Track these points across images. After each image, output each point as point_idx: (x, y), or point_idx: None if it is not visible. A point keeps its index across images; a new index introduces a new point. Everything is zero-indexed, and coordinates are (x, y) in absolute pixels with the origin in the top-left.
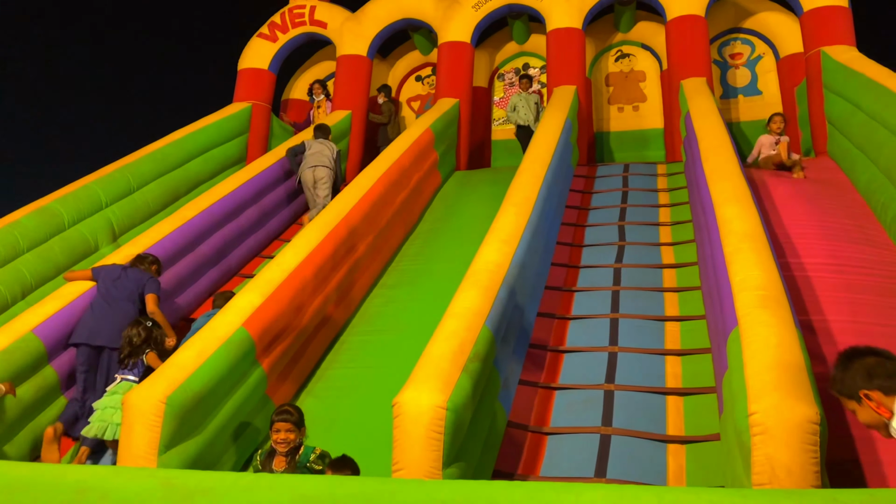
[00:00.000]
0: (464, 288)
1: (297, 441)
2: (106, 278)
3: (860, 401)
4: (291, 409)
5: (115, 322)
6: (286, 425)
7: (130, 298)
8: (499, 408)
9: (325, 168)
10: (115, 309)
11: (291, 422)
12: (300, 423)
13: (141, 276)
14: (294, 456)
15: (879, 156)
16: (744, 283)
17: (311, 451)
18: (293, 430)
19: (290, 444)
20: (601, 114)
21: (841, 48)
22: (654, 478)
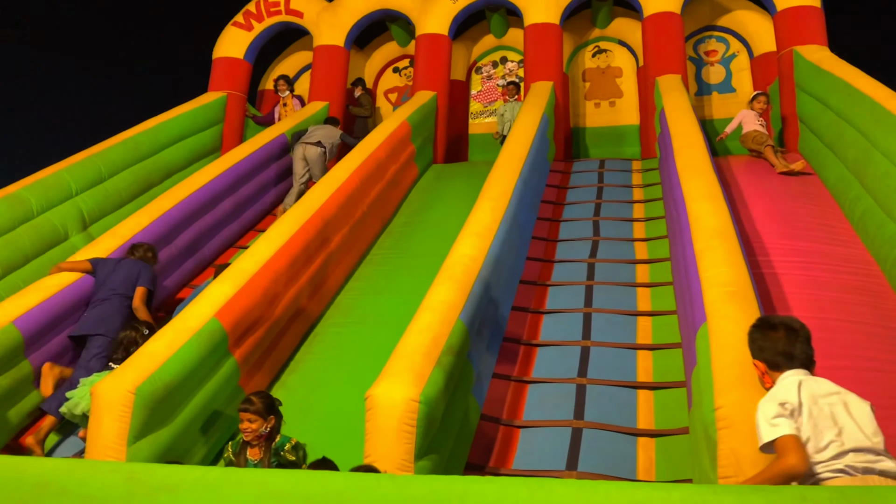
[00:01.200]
0: (439, 281)
1: (265, 430)
2: (103, 270)
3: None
4: (254, 399)
5: (107, 313)
6: (247, 415)
7: (125, 292)
8: (472, 401)
9: (317, 149)
10: (111, 302)
11: (252, 411)
12: (265, 411)
13: (134, 266)
14: (269, 445)
15: (847, 154)
16: (713, 279)
17: (286, 440)
18: (256, 420)
19: (256, 434)
20: (578, 109)
21: (813, 48)
22: (625, 471)
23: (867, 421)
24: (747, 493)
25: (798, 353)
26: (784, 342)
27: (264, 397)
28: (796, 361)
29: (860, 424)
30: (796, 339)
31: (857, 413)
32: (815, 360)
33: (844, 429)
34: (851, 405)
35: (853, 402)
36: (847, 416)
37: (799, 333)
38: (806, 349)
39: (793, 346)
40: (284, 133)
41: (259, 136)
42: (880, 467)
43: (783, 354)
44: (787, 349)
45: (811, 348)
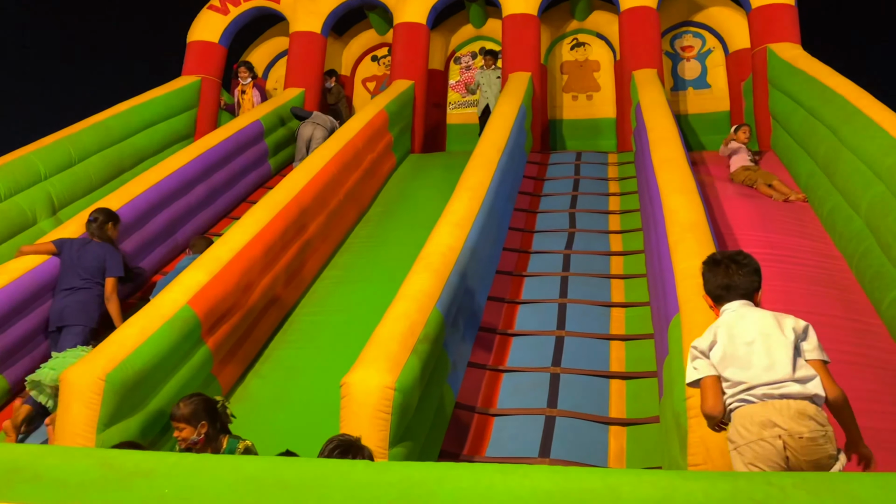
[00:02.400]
0: (416, 270)
1: (197, 437)
2: (69, 252)
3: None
4: (181, 403)
5: (78, 301)
6: (176, 423)
7: (98, 279)
8: (447, 389)
9: (324, 129)
10: (90, 291)
11: (178, 417)
12: (193, 417)
13: (100, 250)
14: (213, 451)
15: (818, 151)
16: (686, 271)
17: (235, 444)
18: (185, 427)
19: (188, 442)
20: (555, 101)
21: (786, 45)
22: (596, 458)
23: (784, 361)
24: (715, 479)
25: (737, 284)
26: (723, 275)
27: (194, 402)
28: (735, 293)
29: (774, 365)
30: (737, 270)
31: (776, 354)
32: (760, 287)
33: (755, 368)
34: (773, 348)
35: (775, 345)
36: (763, 356)
37: (741, 265)
38: (747, 280)
39: (730, 279)
40: (259, 119)
41: (234, 122)
42: (781, 392)
43: (723, 287)
44: (726, 281)
45: (755, 278)
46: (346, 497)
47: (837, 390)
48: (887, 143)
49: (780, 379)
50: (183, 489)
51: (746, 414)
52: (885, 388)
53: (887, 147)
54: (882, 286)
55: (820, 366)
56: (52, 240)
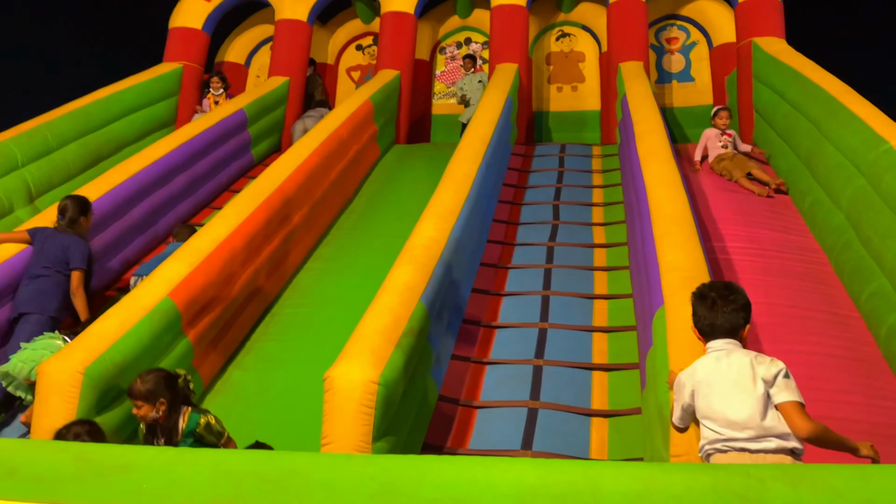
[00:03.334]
0: (400, 263)
1: (156, 414)
2: (39, 241)
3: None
4: (138, 379)
5: (44, 289)
6: (133, 400)
7: (62, 268)
8: (430, 382)
9: (315, 121)
10: (50, 278)
11: (136, 395)
12: (151, 395)
13: (65, 241)
14: (172, 430)
15: (800, 146)
16: (671, 263)
17: (197, 419)
18: (143, 405)
19: (147, 419)
20: (541, 93)
21: (771, 39)
22: (578, 450)
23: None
24: (696, 471)
25: (720, 324)
26: (708, 311)
27: (150, 380)
28: (718, 332)
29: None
30: (722, 307)
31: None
32: (747, 323)
33: (733, 425)
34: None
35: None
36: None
37: (727, 302)
38: (732, 318)
39: (715, 318)
40: (243, 108)
41: (217, 111)
42: (758, 447)
43: (707, 325)
44: (710, 321)
45: (741, 315)
46: (327, 491)
47: (810, 425)
48: (869, 138)
49: (758, 435)
50: (161, 484)
51: (722, 461)
52: (862, 381)
53: (869, 142)
54: (861, 279)
55: (791, 407)
56: (27, 229)
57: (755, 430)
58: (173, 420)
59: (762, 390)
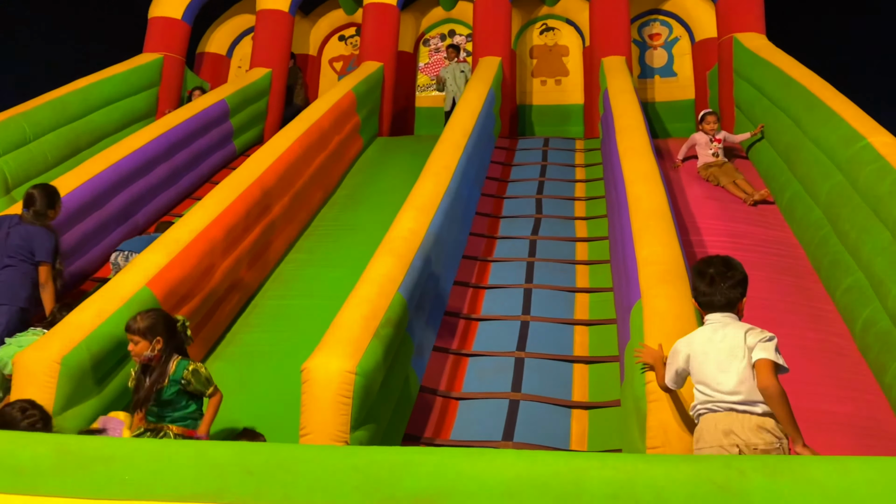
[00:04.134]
0: (378, 255)
1: (151, 352)
2: (3, 231)
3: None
4: (138, 317)
5: (12, 280)
6: (130, 336)
7: (21, 257)
8: (411, 373)
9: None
10: (17, 269)
11: (133, 330)
12: (149, 331)
13: (29, 233)
14: (162, 372)
15: (779, 141)
16: (649, 258)
17: (185, 365)
18: (140, 341)
19: (142, 357)
20: (524, 86)
21: (752, 35)
22: (558, 441)
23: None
24: (677, 462)
25: (717, 299)
26: (707, 287)
27: (150, 316)
28: (716, 306)
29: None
30: (720, 283)
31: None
32: (743, 296)
33: (723, 387)
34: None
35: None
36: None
37: (725, 278)
38: (729, 294)
39: (713, 294)
40: (224, 99)
41: (197, 101)
42: (744, 408)
43: (706, 300)
44: (709, 297)
45: (738, 290)
46: (310, 482)
47: (772, 381)
48: (847, 134)
49: (746, 399)
50: (144, 475)
51: (711, 420)
52: (837, 372)
53: (847, 138)
54: (838, 274)
55: (762, 363)
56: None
57: (744, 394)
58: (165, 364)
59: (749, 357)
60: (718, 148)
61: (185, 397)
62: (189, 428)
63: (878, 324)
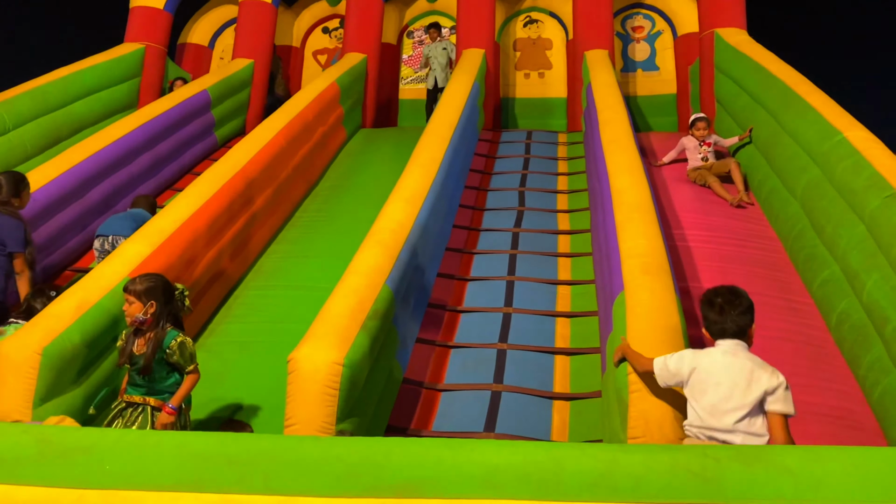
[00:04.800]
0: (366, 246)
1: (144, 315)
2: None
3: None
4: (137, 278)
5: None
6: (127, 295)
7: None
8: (395, 365)
9: None
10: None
11: (130, 290)
12: (145, 294)
13: (1, 223)
14: (155, 339)
15: (758, 136)
16: (631, 250)
17: (174, 336)
18: (134, 301)
19: (133, 318)
20: (507, 79)
21: (733, 30)
22: (540, 432)
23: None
24: (655, 451)
25: (729, 327)
26: (718, 317)
27: (150, 279)
28: (727, 333)
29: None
30: (730, 311)
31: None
32: (752, 323)
33: (714, 413)
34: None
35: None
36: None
37: (734, 306)
38: (739, 321)
39: (724, 322)
40: (206, 90)
41: (179, 91)
42: (724, 438)
43: (718, 329)
44: (720, 325)
45: (747, 317)
46: (294, 472)
47: (784, 439)
48: (824, 129)
49: (728, 428)
50: (125, 466)
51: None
52: (813, 364)
53: (823, 133)
54: (814, 267)
55: (777, 419)
56: None
57: (731, 426)
58: (155, 331)
59: (755, 396)
60: (708, 152)
61: (165, 368)
62: (164, 401)
63: (852, 316)
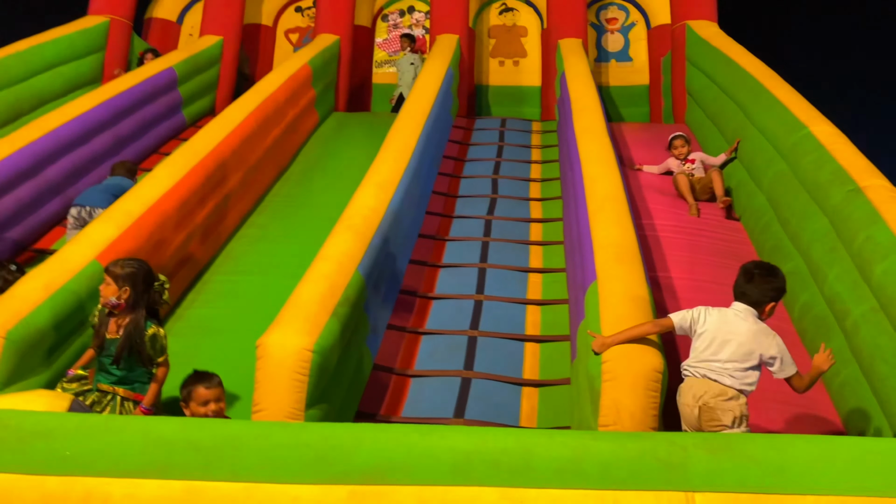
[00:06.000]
0: (337, 231)
1: (116, 300)
2: None
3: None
4: (120, 261)
5: None
6: (105, 275)
7: None
8: (366, 351)
9: None
10: None
11: (109, 271)
12: (122, 279)
13: None
14: (128, 329)
15: (727, 128)
16: (604, 240)
17: (148, 325)
18: (111, 284)
19: (107, 301)
20: (482, 66)
21: (704, 23)
22: (509, 418)
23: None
24: (623, 439)
25: (749, 293)
26: (744, 283)
27: (132, 265)
28: (744, 298)
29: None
30: (759, 282)
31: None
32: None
33: (715, 355)
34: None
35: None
36: (726, 351)
37: (765, 280)
38: (760, 291)
39: (748, 287)
40: (173, 67)
41: (145, 68)
42: (714, 377)
43: (739, 291)
44: (743, 289)
45: (772, 294)
46: (261, 458)
47: (805, 385)
48: (791, 123)
49: (722, 369)
50: (86, 451)
51: (685, 384)
52: None
53: (790, 126)
54: (778, 259)
55: (792, 381)
56: None
57: (726, 368)
58: (129, 317)
59: (755, 357)
60: (692, 169)
61: (137, 358)
62: (136, 392)
63: (814, 308)
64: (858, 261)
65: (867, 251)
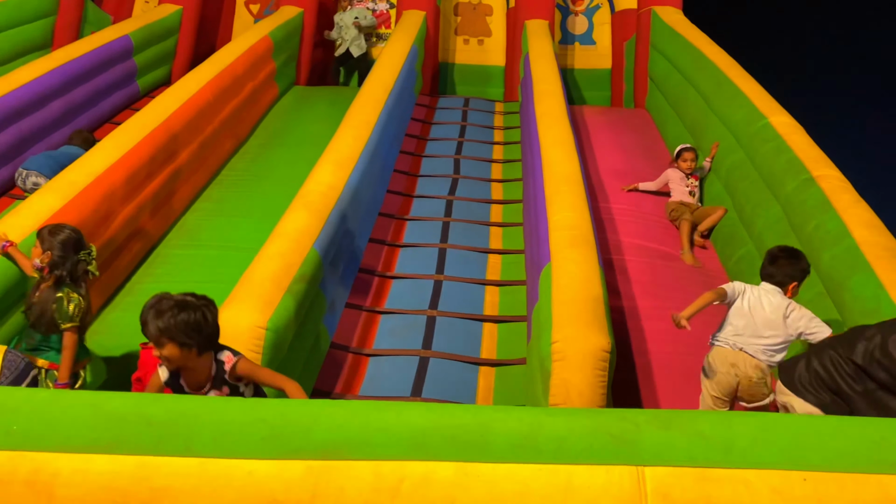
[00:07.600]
0: (294, 208)
1: (39, 262)
2: None
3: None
4: (51, 225)
5: None
6: (37, 237)
7: None
8: (323, 330)
9: None
10: None
11: (38, 235)
12: (47, 243)
13: None
14: (53, 285)
15: (686, 114)
16: (560, 222)
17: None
18: (38, 247)
19: (34, 263)
20: (447, 44)
21: (669, 9)
22: (465, 397)
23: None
24: (577, 415)
25: (774, 274)
26: (769, 265)
27: (59, 230)
28: (771, 279)
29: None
30: (784, 265)
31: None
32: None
33: (750, 329)
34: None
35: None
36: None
37: (790, 263)
38: (784, 272)
39: (773, 269)
40: (128, 35)
41: (99, 35)
42: (751, 351)
43: (766, 274)
44: (769, 272)
45: (795, 275)
46: (215, 434)
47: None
48: (750, 113)
49: (755, 343)
50: (33, 426)
51: (721, 352)
52: None
53: (750, 116)
54: (732, 244)
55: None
56: None
57: (761, 345)
58: (52, 283)
59: (790, 332)
60: (695, 186)
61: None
62: (51, 361)
63: None
64: (808, 248)
65: (817, 238)
